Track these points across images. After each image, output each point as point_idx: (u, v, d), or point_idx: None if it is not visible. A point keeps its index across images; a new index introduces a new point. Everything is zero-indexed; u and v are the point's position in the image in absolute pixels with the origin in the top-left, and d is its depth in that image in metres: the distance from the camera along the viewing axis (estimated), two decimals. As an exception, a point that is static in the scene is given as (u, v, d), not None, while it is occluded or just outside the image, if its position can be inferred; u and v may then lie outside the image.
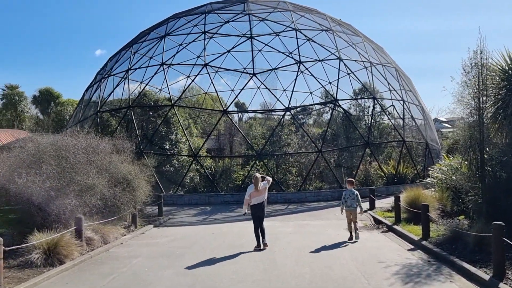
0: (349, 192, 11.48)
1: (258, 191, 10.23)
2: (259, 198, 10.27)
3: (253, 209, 10.29)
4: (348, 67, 23.41)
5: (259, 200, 10.27)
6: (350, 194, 11.42)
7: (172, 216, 16.93)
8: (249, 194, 10.30)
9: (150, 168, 15.25)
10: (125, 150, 14.99)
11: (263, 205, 10.35)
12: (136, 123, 21.74)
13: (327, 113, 38.76)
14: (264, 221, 10.59)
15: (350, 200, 11.34)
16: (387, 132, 28.37)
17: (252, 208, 10.31)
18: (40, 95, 55.98)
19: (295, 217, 15.96)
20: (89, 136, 12.55)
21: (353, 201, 11.33)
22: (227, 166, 21.69)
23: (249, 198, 10.29)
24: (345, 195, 11.45)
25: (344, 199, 11.45)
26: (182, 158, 22.50)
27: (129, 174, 12.82)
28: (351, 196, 11.37)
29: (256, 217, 10.31)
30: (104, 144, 12.39)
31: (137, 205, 13.34)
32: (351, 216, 11.37)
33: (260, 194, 10.29)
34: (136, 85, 24.06)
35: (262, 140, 22.34)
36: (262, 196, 10.35)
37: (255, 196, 10.24)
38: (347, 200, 11.37)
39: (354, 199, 11.34)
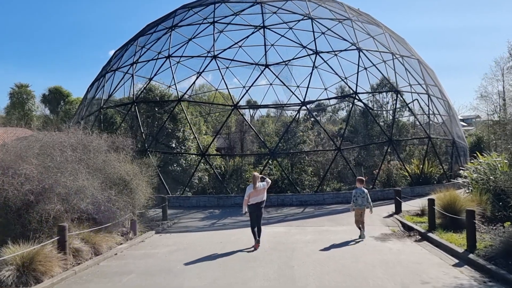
0: (359, 190, 11.46)
1: (256, 191, 10.30)
2: (257, 198, 10.34)
3: (251, 208, 10.34)
4: (368, 58, 21.64)
5: (258, 200, 10.34)
6: (360, 192, 11.41)
7: (177, 220, 15.45)
8: (248, 194, 10.31)
9: (152, 167, 13.76)
10: (125, 148, 13.62)
11: (261, 205, 10.45)
12: (140, 120, 20.32)
13: (343, 109, 37.14)
14: (279, 226, 11.13)
15: (361, 198, 11.36)
16: (406, 129, 26.54)
17: (250, 207, 10.36)
18: (50, 94, 55.23)
19: (313, 222, 14.35)
20: (81, 132, 11.10)
21: (364, 199, 11.34)
22: (238, 165, 20.14)
23: (247, 198, 10.30)
24: (356, 194, 11.45)
25: (354, 197, 11.44)
26: (190, 157, 21.01)
27: (126, 174, 11.38)
28: (361, 195, 11.37)
29: (254, 216, 10.38)
30: (98, 141, 10.94)
31: (136, 209, 11.89)
32: (360, 214, 11.38)
33: (259, 194, 10.37)
34: (142, 80, 22.68)
35: (276, 137, 20.73)
36: (261, 196, 10.42)
37: (254, 195, 10.29)
38: (358, 198, 11.37)
39: (365, 198, 11.35)
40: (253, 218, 10.41)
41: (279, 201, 18.08)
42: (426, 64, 25.41)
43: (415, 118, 22.95)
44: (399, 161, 22.04)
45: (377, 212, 15.91)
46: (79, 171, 9.42)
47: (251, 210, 10.39)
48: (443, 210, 11.71)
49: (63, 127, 13.10)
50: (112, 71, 24.06)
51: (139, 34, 25.74)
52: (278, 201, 18.11)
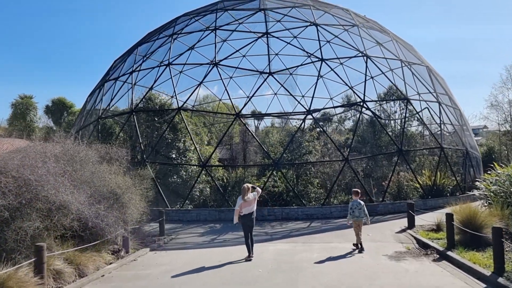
0: (355, 203, 11.47)
1: (246, 202, 10.44)
2: (248, 209, 10.49)
3: (243, 218, 10.50)
4: (376, 65, 20.79)
5: (249, 211, 10.49)
6: (357, 204, 11.41)
7: (175, 235, 14.51)
8: (239, 205, 10.49)
9: (148, 179, 12.88)
10: (120, 159, 12.80)
11: (252, 216, 10.60)
12: (139, 130, 19.52)
13: (350, 119, 36.20)
14: (284, 243, 11.14)
15: (358, 210, 11.35)
16: (415, 139, 25.57)
17: (242, 218, 10.51)
18: (53, 105, 54.82)
19: (320, 237, 13.36)
20: (69, 142, 10.28)
21: (361, 211, 11.33)
22: (241, 177, 19.21)
23: (239, 209, 10.46)
24: (352, 206, 11.45)
25: (351, 209, 11.43)
26: (191, 168, 20.12)
27: (118, 187, 10.50)
28: (358, 207, 11.37)
29: (246, 226, 10.53)
30: (86, 151, 10.09)
31: (129, 225, 10.98)
32: (358, 227, 11.31)
33: (249, 205, 10.53)
34: (141, 89, 21.94)
35: (280, 147, 19.82)
36: (252, 206, 10.58)
37: (244, 206, 10.46)
38: (355, 210, 11.38)
39: (362, 210, 11.35)
40: (245, 228, 10.55)
41: (283, 214, 17.11)
42: (435, 71, 24.52)
43: (426, 127, 21.95)
44: (409, 172, 21.04)
45: (389, 226, 14.92)
46: (62, 184, 8.55)
47: (243, 221, 10.53)
48: (462, 226, 10.73)
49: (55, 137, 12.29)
50: (111, 80, 23.39)
51: (139, 42, 25.12)
52: (282, 215, 17.14)
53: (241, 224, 10.64)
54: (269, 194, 18.47)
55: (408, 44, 25.44)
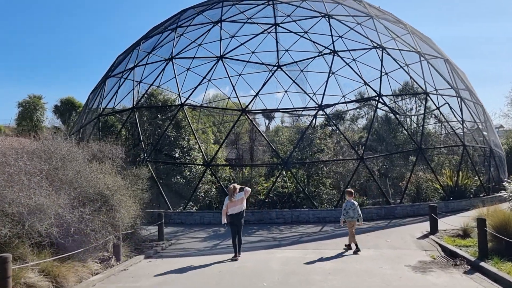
0: (349, 203, 11.29)
1: (232, 202, 10.40)
2: (235, 209, 10.43)
3: (231, 218, 10.46)
4: (393, 58, 19.42)
5: (236, 211, 10.43)
6: (351, 205, 11.24)
7: (176, 240, 13.39)
8: (225, 205, 10.48)
9: (143, 179, 11.77)
10: (114, 157, 11.74)
11: (240, 215, 10.51)
12: (140, 127, 18.47)
13: (363, 117, 34.76)
14: (293, 250, 10.68)
15: (352, 211, 11.18)
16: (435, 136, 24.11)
17: (230, 217, 10.47)
18: (62, 105, 54.32)
19: (334, 244, 12.09)
20: (49, 137, 9.21)
21: (355, 212, 11.19)
22: (248, 177, 18.03)
23: (226, 209, 10.44)
24: (346, 206, 11.28)
25: (345, 210, 11.26)
26: (195, 168, 19.00)
27: (106, 188, 9.40)
28: (352, 207, 11.22)
29: (234, 226, 10.49)
30: (68, 148, 9.00)
31: (120, 230, 9.87)
32: (352, 227, 11.14)
33: (236, 205, 10.45)
34: (144, 85, 20.93)
35: (290, 145, 18.56)
36: (239, 206, 10.48)
37: (231, 206, 10.42)
38: (349, 211, 11.20)
39: (355, 210, 11.21)
40: (232, 228, 10.50)
41: (293, 217, 15.87)
42: (455, 65, 23.02)
43: (447, 123, 20.47)
44: (427, 172, 19.64)
45: (408, 231, 13.60)
46: (38, 185, 7.47)
47: (231, 220, 10.47)
48: (496, 232, 9.40)
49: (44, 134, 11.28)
50: (113, 76, 22.43)
51: (143, 37, 24.12)
52: (292, 218, 15.89)
53: (229, 224, 10.55)
54: (278, 195, 17.26)
55: (426, 36, 23.99)
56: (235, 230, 10.48)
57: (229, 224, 10.53)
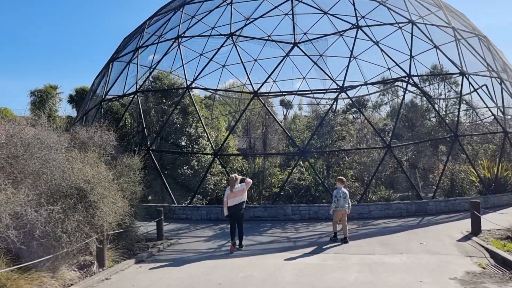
0: (340, 191, 10.86)
1: (233, 193, 10.25)
2: (235, 200, 10.26)
3: (231, 210, 10.28)
4: (425, 33, 17.28)
5: (236, 202, 10.26)
6: (342, 193, 10.86)
7: (177, 239, 11.81)
8: (226, 195, 10.36)
9: (136, 170, 10.16)
10: (105, 145, 10.19)
11: (240, 207, 10.32)
12: (143, 113, 16.91)
13: (387, 104, 32.56)
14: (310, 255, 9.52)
15: (342, 200, 10.81)
16: (464, 123, 21.86)
17: (229, 209, 10.28)
18: (76, 94, 53.55)
19: (358, 246, 10.29)
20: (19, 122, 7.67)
21: (345, 200, 10.84)
22: (260, 168, 16.29)
23: (227, 200, 10.30)
24: (337, 195, 10.83)
25: (336, 198, 10.84)
26: (204, 157, 17.37)
27: (85, 181, 7.81)
28: (343, 195, 10.85)
29: (234, 217, 10.30)
30: (33, 132, 7.43)
31: (104, 230, 8.29)
32: (342, 216, 10.82)
33: (236, 196, 10.29)
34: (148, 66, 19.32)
35: (308, 132, 16.70)
36: (239, 198, 10.33)
37: (231, 197, 10.26)
38: (340, 199, 10.79)
39: (346, 199, 10.88)
40: (232, 219, 10.31)
41: (311, 213, 14.08)
42: (493, 44, 20.64)
43: (488, 108, 18.20)
44: (460, 162, 17.54)
45: (446, 231, 11.68)
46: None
47: (230, 212, 10.27)
48: None
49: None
50: (118, 60, 20.91)
51: (151, 18, 22.47)
52: (310, 214, 14.11)
53: (229, 216, 10.31)
54: (294, 188, 15.49)
55: (459, 12, 21.61)
56: (234, 220, 10.26)
57: (229, 215, 10.28)
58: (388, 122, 24.04)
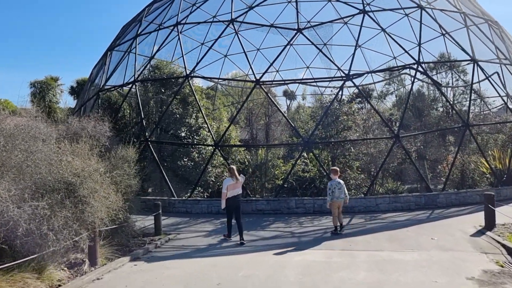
0: (335, 182, 10.60)
1: (235, 183, 10.13)
2: (234, 191, 10.12)
3: (230, 201, 10.08)
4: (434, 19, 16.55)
5: (236, 193, 10.15)
6: (336, 184, 10.58)
7: (176, 233, 11.34)
8: (226, 186, 10.04)
9: (131, 162, 9.63)
10: (98, 136, 9.68)
11: (238, 198, 10.29)
12: (141, 103, 16.35)
13: (392, 93, 31.85)
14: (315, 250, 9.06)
15: (338, 190, 10.54)
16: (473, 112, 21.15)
17: (228, 200, 10.06)
18: (78, 86, 53.01)
19: (365, 242, 9.75)
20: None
21: (340, 191, 10.57)
22: (263, 160, 15.72)
23: (226, 192, 10.01)
24: (331, 186, 10.56)
25: (330, 189, 10.55)
26: (205, 149, 16.82)
27: (73, 174, 7.29)
28: (338, 186, 10.57)
29: (234, 208, 10.15)
30: (15, 121, 6.89)
31: (96, 226, 7.79)
32: (338, 208, 10.55)
33: (236, 188, 10.18)
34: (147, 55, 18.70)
35: (312, 122, 16.11)
36: (238, 189, 10.26)
37: (232, 188, 10.08)
38: (335, 190, 10.53)
39: (341, 190, 10.60)
40: (231, 211, 10.17)
41: (316, 207, 13.53)
42: (505, 30, 19.86)
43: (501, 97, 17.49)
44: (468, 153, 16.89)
45: (457, 225, 11.11)
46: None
47: (229, 203, 10.07)
48: None
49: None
50: (116, 49, 20.31)
51: (150, 5, 21.80)
52: (314, 207, 13.56)
53: (227, 208, 10.09)
54: (298, 180, 14.93)
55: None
56: (232, 212, 10.15)
57: (228, 207, 10.08)
58: (394, 112, 23.38)
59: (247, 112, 18.63)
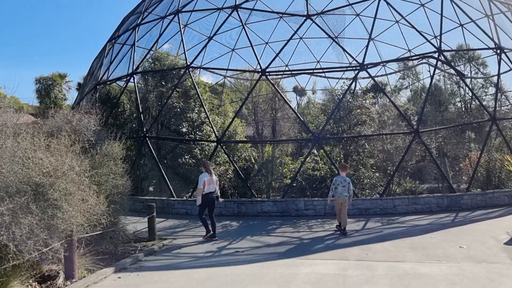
0: (340, 178, 9.97)
1: (211, 178, 9.92)
2: (211, 187, 9.87)
3: (206, 197, 9.79)
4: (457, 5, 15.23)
5: (211, 189, 9.89)
6: (341, 180, 9.93)
7: (172, 238, 10.26)
8: (202, 182, 9.76)
9: (117, 160, 8.55)
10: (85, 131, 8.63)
11: (214, 193, 9.97)
12: (139, 97, 15.31)
13: (407, 88, 30.49)
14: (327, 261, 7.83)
15: (341, 187, 9.87)
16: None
17: (204, 196, 9.78)
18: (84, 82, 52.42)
19: (384, 250, 8.55)
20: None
21: (344, 188, 9.87)
22: (269, 157, 14.56)
23: (202, 187, 9.75)
24: (336, 182, 9.95)
25: (334, 185, 9.95)
26: (208, 145, 15.73)
27: (44, 174, 6.22)
28: (342, 183, 9.90)
29: (209, 204, 9.89)
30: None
31: (74, 233, 6.72)
32: (341, 206, 9.87)
33: (212, 182, 9.92)
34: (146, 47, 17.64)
35: (323, 116, 14.90)
36: (215, 185, 10.01)
37: (208, 183, 9.82)
38: (338, 187, 9.87)
39: (345, 187, 9.90)
40: (204, 206, 9.88)
41: (327, 209, 12.33)
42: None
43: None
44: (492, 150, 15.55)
45: (487, 231, 9.83)
46: None
47: (205, 199, 9.81)
48: None
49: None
50: (116, 39, 19.31)
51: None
52: (325, 209, 12.38)
53: (202, 204, 9.80)
54: (308, 179, 13.76)
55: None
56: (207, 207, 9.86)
57: (203, 203, 9.79)
58: (409, 107, 22.08)
59: (253, 106, 17.44)
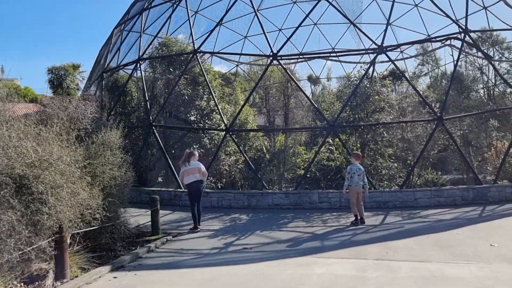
0: (355, 167, 9.64)
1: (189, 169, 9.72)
2: (190, 177, 9.70)
3: (188, 187, 9.86)
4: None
5: (192, 179, 9.70)
6: (356, 169, 9.61)
7: (177, 232, 9.67)
8: (181, 173, 9.88)
9: (115, 150, 7.90)
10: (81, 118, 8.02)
11: (198, 184, 9.75)
12: (145, 84, 14.69)
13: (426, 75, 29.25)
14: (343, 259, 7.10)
15: (357, 176, 9.56)
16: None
17: (187, 186, 9.88)
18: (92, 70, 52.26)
19: (406, 247, 7.78)
20: None
21: (360, 177, 9.57)
22: (281, 146, 13.82)
23: (181, 178, 9.91)
24: (351, 170, 9.62)
25: (349, 174, 9.61)
26: (217, 134, 15.07)
27: (28, 165, 5.62)
28: (358, 172, 9.59)
29: (191, 196, 9.82)
30: None
31: (65, 229, 6.13)
32: (357, 196, 9.56)
33: (189, 174, 9.72)
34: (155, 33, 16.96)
35: (338, 103, 14.05)
36: (194, 176, 9.71)
37: (187, 174, 9.73)
38: (353, 176, 9.57)
39: (361, 176, 9.60)
40: (190, 198, 9.87)
41: (342, 201, 11.57)
42: None
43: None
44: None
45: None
46: None
47: (188, 190, 9.85)
48: None
49: None
50: (122, 26, 18.70)
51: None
52: (341, 202, 11.61)
53: (188, 193, 9.87)
54: (322, 170, 12.99)
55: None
56: (193, 199, 9.74)
57: (188, 193, 9.87)
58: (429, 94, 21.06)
59: (264, 93, 16.63)
